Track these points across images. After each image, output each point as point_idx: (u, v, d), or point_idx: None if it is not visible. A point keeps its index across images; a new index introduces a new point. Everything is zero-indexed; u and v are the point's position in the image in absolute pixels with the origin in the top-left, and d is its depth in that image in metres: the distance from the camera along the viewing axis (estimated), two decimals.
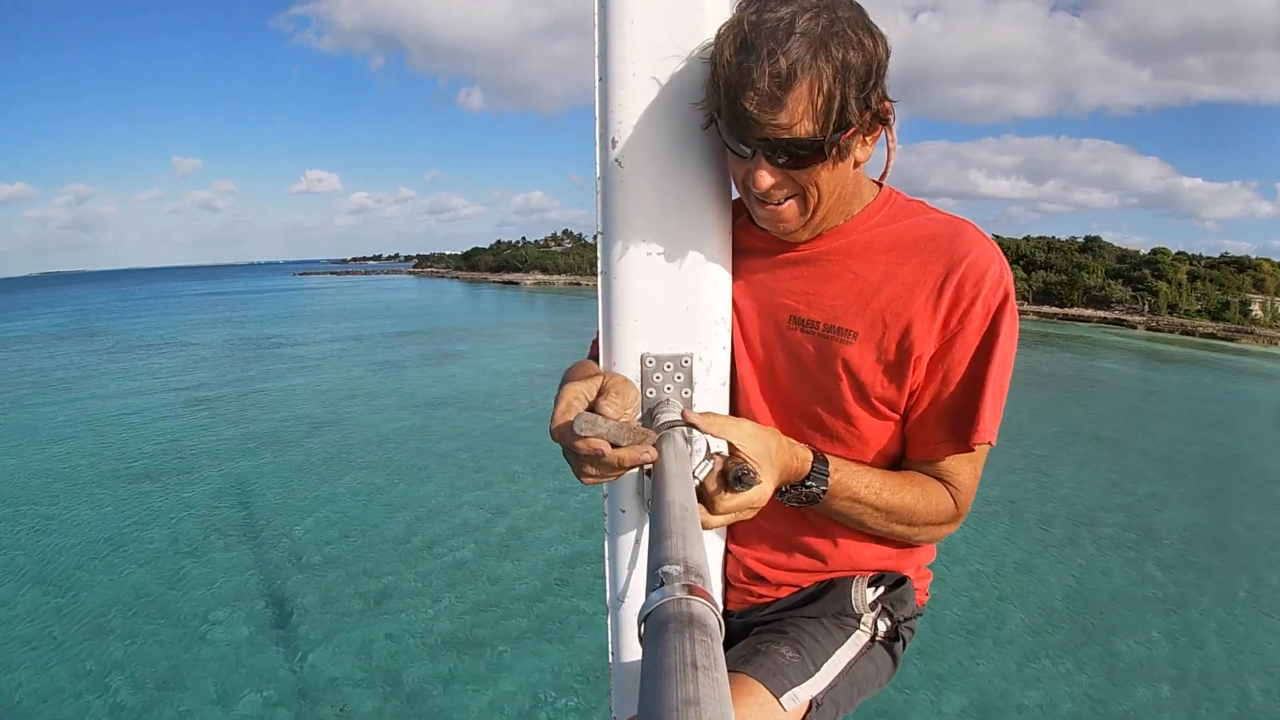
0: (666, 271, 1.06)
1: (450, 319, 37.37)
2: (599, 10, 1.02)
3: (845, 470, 1.02)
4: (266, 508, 8.95)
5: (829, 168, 0.93)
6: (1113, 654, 6.03)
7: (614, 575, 1.17)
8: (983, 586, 7.20)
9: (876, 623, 1.17)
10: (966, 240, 1.00)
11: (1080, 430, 14.19)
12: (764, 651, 1.09)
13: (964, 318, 0.98)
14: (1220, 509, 9.80)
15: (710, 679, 0.43)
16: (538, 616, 6.42)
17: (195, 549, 7.73)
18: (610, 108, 1.03)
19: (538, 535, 8.12)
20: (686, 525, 0.61)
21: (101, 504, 9.22)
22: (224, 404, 15.36)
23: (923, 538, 1.11)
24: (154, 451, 11.66)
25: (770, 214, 0.99)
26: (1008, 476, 10.60)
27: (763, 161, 0.92)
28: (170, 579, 7.05)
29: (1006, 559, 7.87)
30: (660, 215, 1.05)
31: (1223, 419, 16.82)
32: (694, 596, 0.50)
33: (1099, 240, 51.95)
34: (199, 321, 38.14)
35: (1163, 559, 8.03)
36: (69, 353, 25.26)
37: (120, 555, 7.63)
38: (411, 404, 15.00)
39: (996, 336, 0.99)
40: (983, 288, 0.97)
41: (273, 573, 7.17)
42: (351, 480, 10.00)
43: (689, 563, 0.54)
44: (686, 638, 0.46)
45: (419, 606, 6.52)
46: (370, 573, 7.13)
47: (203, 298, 64.04)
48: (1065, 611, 6.74)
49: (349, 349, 24.60)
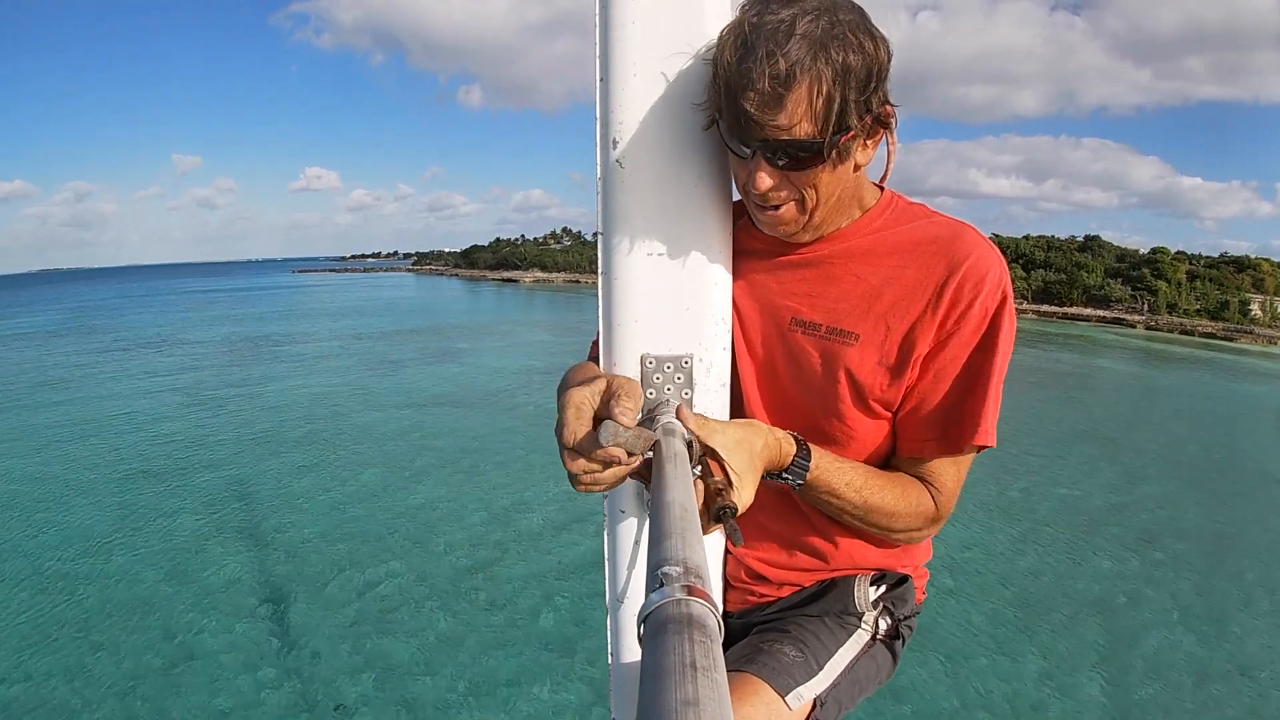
0: (667, 272, 1.06)
1: (449, 316, 37.33)
2: (600, 10, 1.02)
3: (826, 464, 1.01)
4: (264, 508, 8.94)
5: (828, 170, 0.93)
6: (1119, 658, 5.99)
7: (613, 576, 1.17)
8: (988, 590, 7.15)
9: (878, 621, 1.18)
10: (967, 243, 1.01)
11: (1079, 429, 14.20)
12: (767, 651, 1.10)
13: (961, 319, 0.99)
14: (1221, 508, 9.78)
15: (710, 680, 0.43)
16: (538, 619, 6.41)
17: (190, 549, 7.71)
18: (611, 108, 1.03)
19: (537, 535, 8.12)
20: (686, 526, 0.61)
21: (97, 504, 9.20)
22: (222, 402, 15.34)
23: (901, 538, 1.11)
24: (151, 451, 11.64)
25: (770, 218, 1.01)
26: (1004, 476, 10.60)
27: (762, 163, 0.92)
28: (165, 579, 7.03)
29: (1014, 560, 7.83)
30: (661, 216, 1.06)
31: (1223, 418, 16.85)
32: (693, 597, 0.50)
33: (1098, 239, 51.96)
34: (198, 319, 38.10)
35: (1161, 559, 8.02)
36: (67, 350, 25.23)
37: (114, 555, 7.62)
38: (411, 402, 14.98)
39: (994, 339, 0.99)
40: (982, 289, 0.98)
41: (269, 573, 7.16)
42: (350, 480, 9.98)
43: (688, 563, 0.54)
44: (686, 639, 0.46)
45: (417, 608, 6.51)
46: (367, 574, 7.12)
47: (202, 295, 63.93)
48: (1064, 613, 6.70)
49: (348, 346, 24.57)
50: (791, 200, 0.98)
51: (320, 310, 43.68)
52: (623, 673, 1.18)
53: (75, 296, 67.89)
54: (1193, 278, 45.71)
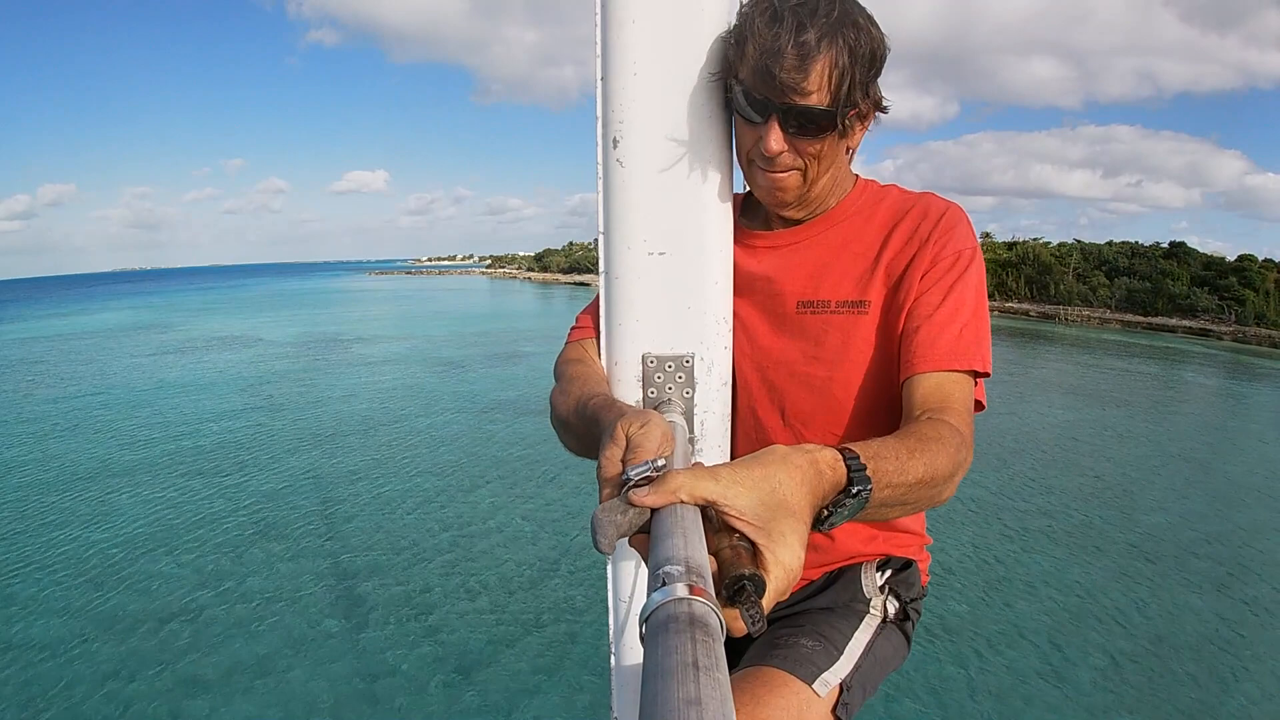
0: (668, 271, 1.07)
1: (519, 320, 37.77)
2: (600, 9, 1.03)
3: (870, 455, 0.78)
4: (315, 511, 9.05)
5: (832, 142, 1.01)
6: (1201, 703, 5.65)
7: (615, 575, 1.17)
8: (1061, 622, 6.82)
9: (886, 605, 1.20)
10: (940, 203, 1.11)
11: (1168, 450, 13.58)
12: (785, 644, 1.11)
13: (938, 258, 1.06)
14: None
15: (712, 679, 0.43)
16: (537, 618, 6.44)
17: (239, 549, 7.84)
18: (611, 107, 1.04)
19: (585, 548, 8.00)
20: (687, 525, 0.61)
21: (151, 500, 9.41)
22: (284, 403, 15.65)
23: (952, 488, 0.93)
24: (209, 448, 11.92)
25: (771, 181, 1.04)
26: (1089, 503, 10.22)
27: (776, 127, 0.98)
28: (212, 579, 7.15)
29: (1093, 593, 7.44)
30: (661, 214, 1.06)
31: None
32: (695, 596, 0.50)
33: (1184, 246, 49.76)
34: (269, 320, 38.86)
35: (1258, 596, 7.49)
36: (136, 346, 26.22)
37: (163, 553, 7.76)
38: (472, 407, 15.13)
39: (971, 277, 1.06)
40: (954, 234, 1.07)
41: (314, 575, 7.24)
42: (403, 486, 10.06)
43: (690, 563, 0.54)
44: (688, 638, 0.46)
45: (457, 619, 6.52)
46: (410, 582, 7.16)
47: (277, 295, 65.95)
48: (1149, 653, 6.30)
49: (418, 348, 25.02)
50: (794, 169, 1.03)
51: (396, 312, 44.71)
52: (624, 672, 1.19)
53: (147, 294, 70.45)
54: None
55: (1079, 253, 50.43)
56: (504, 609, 6.64)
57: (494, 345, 25.71)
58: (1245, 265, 45.46)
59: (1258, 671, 6.11)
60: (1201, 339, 38.64)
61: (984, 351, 1.03)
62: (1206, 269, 46.51)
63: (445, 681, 5.59)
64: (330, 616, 6.48)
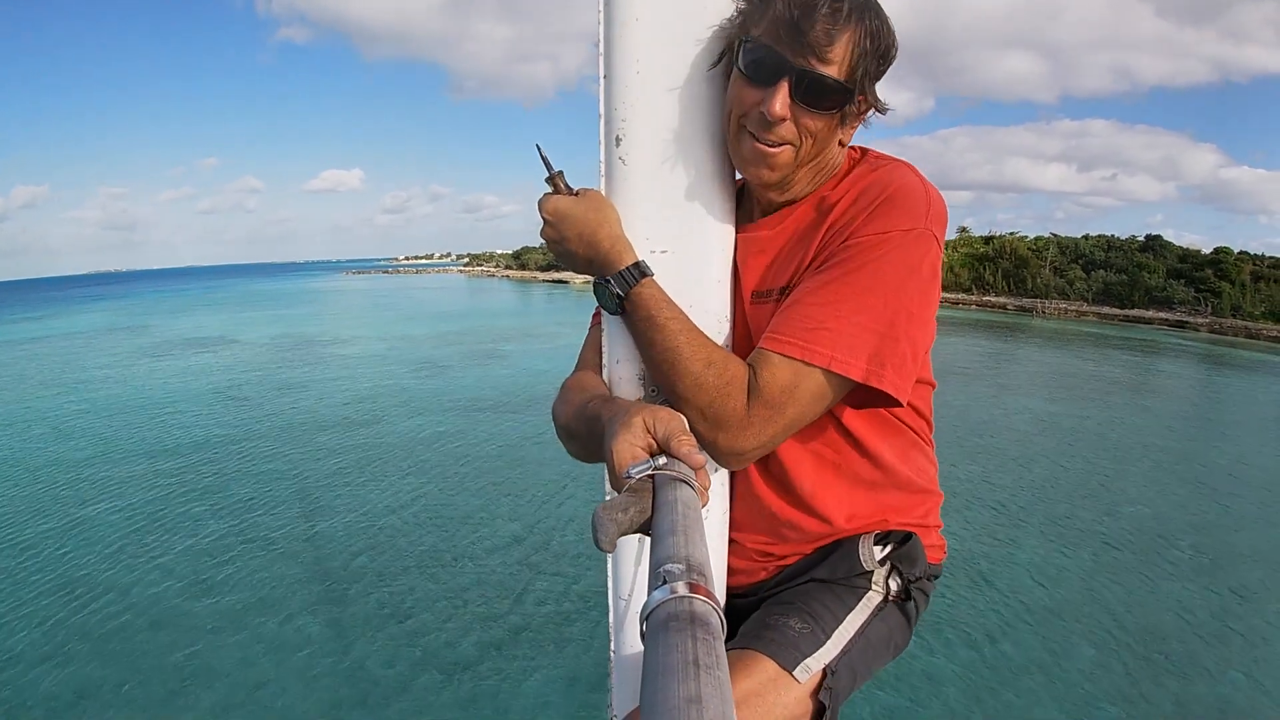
0: (670, 269, 1.06)
1: (497, 318, 37.57)
2: (603, 8, 1.03)
3: (656, 292, 1.02)
4: (295, 514, 8.95)
5: (832, 125, 0.99)
6: (1186, 694, 5.64)
7: (616, 573, 1.17)
8: (1039, 613, 6.80)
9: (888, 581, 1.15)
10: (893, 177, 1.02)
11: (1147, 441, 13.67)
12: (773, 626, 1.08)
13: (856, 235, 0.99)
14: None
15: (712, 677, 0.43)
16: (537, 616, 6.41)
17: (218, 554, 7.75)
18: (613, 105, 1.04)
19: (570, 549, 8.00)
20: (688, 524, 0.61)
21: (127, 505, 9.28)
22: (259, 404, 15.49)
23: (705, 411, 0.99)
24: (185, 450, 11.79)
25: (759, 153, 1.00)
26: (1074, 492, 10.26)
27: (785, 91, 0.95)
28: (190, 584, 7.06)
29: (1069, 582, 7.47)
30: (663, 213, 1.06)
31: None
32: (696, 595, 0.50)
33: (1160, 239, 50.30)
34: (245, 319, 38.35)
35: (1243, 584, 7.47)
36: (113, 348, 25.81)
37: (141, 559, 7.66)
38: (453, 407, 14.99)
39: (880, 260, 0.97)
40: (886, 213, 0.98)
41: (295, 582, 7.16)
42: (385, 487, 9.96)
43: (691, 561, 0.54)
44: (688, 636, 0.46)
45: (441, 622, 6.47)
46: (393, 586, 7.11)
47: (253, 295, 65.29)
48: (1133, 644, 6.27)
49: (395, 348, 24.72)
50: (788, 144, 1.00)
51: (373, 311, 44.41)
52: (625, 670, 1.18)
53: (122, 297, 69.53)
54: (1257, 279, 43.99)
55: (1055, 246, 50.81)
56: (493, 610, 6.59)
57: (474, 343, 25.51)
58: (1221, 258, 45.97)
59: (1242, 660, 6.14)
60: (1178, 331, 39.08)
61: (849, 348, 0.95)
62: (1182, 261, 47.00)
63: (434, 684, 5.55)
64: (313, 622, 6.39)
